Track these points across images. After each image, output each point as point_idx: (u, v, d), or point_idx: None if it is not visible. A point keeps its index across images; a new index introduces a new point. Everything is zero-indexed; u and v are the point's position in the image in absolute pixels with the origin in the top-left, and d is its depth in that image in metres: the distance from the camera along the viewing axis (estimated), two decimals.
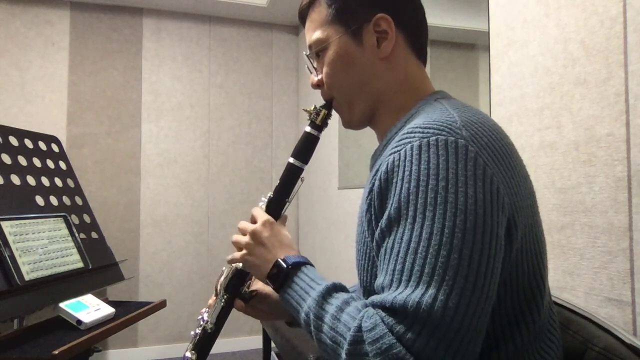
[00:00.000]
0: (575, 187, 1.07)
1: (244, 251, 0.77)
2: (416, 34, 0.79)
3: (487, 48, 1.39)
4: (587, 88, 1.04)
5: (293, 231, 3.63)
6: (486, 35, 1.39)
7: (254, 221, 0.80)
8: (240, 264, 0.82)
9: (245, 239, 0.78)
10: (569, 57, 1.09)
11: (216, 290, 0.86)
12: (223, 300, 0.84)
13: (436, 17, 1.85)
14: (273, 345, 2.22)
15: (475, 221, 0.55)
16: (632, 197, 0.93)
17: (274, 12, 3.35)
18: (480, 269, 0.54)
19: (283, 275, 0.70)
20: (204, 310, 0.87)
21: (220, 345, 0.96)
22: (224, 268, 0.87)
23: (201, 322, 0.86)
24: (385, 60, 0.76)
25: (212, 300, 0.88)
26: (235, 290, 0.85)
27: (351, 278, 0.70)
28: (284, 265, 0.71)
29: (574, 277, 1.07)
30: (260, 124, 3.54)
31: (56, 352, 1.34)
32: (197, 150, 3.36)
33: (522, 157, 0.70)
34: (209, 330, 0.84)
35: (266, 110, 3.56)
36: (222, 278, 0.86)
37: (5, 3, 2.98)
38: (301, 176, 0.83)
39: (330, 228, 2.93)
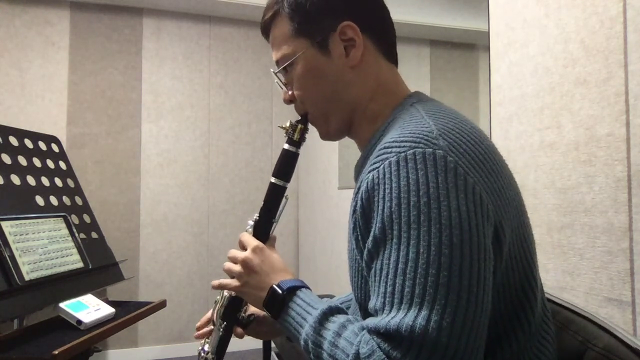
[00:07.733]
0: (575, 187, 1.07)
1: (237, 282, 0.76)
2: (384, 36, 0.77)
3: (487, 48, 1.39)
4: (587, 88, 1.04)
5: (293, 231, 3.63)
6: (486, 35, 1.39)
7: (243, 248, 0.79)
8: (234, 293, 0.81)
9: (237, 268, 0.76)
10: (569, 57, 1.09)
11: (213, 320, 0.86)
12: (221, 329, 0.84)
13: (436, 17, 1.85)
14: (273, 345, 2.22)
15: (462, 235, 0.54)
16: (632, 197, 0.93)
17: None
18: (472, 284, 0.53)
19: (279, 302, 0.69)
20: (203, 341, 0.87)
21: None
22: (217, 297, 0.86)
23: (202, 354, 0.85)
24: (355, 68, 0.73)
25: (208, 329, 0.87)
26: (232, 317, 0.84)
27: None
28: (279, 291, 0.70)
29: (574, 277, 1.07)
30: (260, 124, 3.54)
31: (56, 352, 1.33)
32: (197, 150, 3.36)
33: (522, 157, 0.69)
34: None
35: (266, 110, 3.56)
36: (218, 307, 0.85)
37: (5, 3, 2.98)
38: (285, 195, 0.82)
39: (330, 228, 2.93)
